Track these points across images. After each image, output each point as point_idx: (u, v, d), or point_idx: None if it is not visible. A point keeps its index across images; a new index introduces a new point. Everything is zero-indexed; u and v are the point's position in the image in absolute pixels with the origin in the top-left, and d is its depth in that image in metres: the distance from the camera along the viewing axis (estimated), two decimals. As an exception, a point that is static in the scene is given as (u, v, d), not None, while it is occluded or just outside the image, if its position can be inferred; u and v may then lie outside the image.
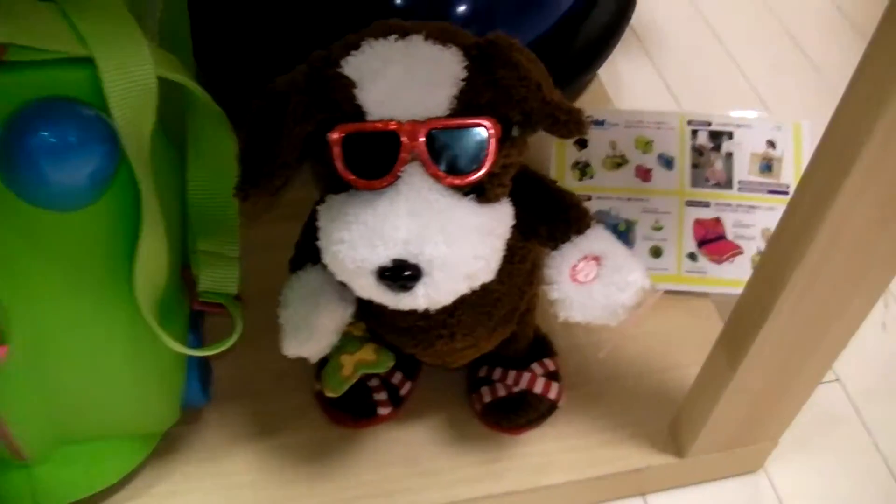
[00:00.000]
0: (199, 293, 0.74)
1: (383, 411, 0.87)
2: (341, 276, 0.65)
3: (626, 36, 1.21)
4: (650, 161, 1.04)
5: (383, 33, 0.65)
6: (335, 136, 0.63)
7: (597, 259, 0.72)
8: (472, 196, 0.64)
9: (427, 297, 0.63)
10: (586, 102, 1.19)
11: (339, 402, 0.86)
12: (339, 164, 0.63)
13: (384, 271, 0.61)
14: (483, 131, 0.63)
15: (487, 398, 0.87)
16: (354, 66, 0.64)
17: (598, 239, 0.73)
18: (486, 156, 0.63)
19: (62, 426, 0.73)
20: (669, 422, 0.89)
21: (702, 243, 1.01)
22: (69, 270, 0.62)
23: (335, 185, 0.65)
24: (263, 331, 0.90)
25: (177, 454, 0.85)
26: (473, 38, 0.66)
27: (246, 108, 0.65)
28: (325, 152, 0.63)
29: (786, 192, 1.02)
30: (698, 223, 1.01)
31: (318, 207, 0.66)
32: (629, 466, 0.87)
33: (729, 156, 1.03)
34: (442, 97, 0.63)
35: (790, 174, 1.03)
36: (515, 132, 0.66)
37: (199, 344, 0.77)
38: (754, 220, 1.01)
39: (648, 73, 1.38)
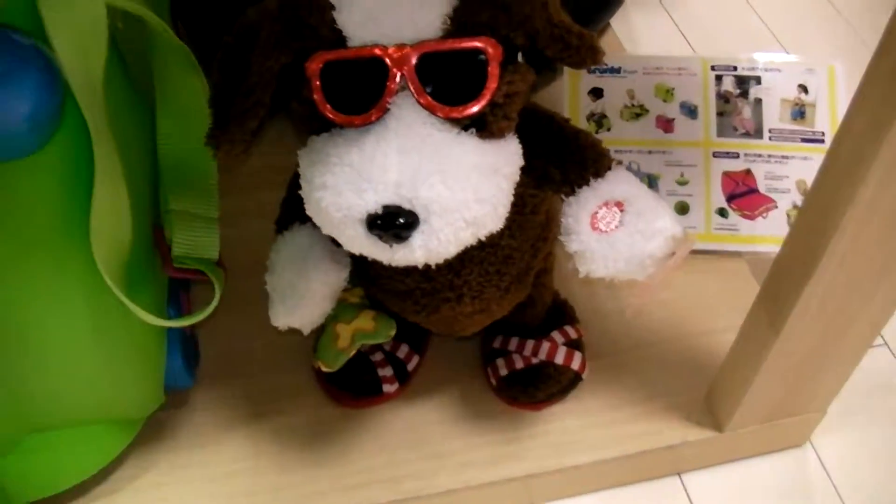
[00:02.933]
0: (173, 258, 0.67)
1: (389, 388, 0.82)
2: (327, 229, 0.58)
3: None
4: (672, 110, 0.98)
5: None
6: (313, 66, 0.56)
7: (619, 205, 0.65)
8: (472, 130, 0.57)
9: (425, 247, 0.56)
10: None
11: (339, 379, 0.81)
12: (319, 98, 0.56)
13: (374, 219, 0.54)
14: (482, 54, 0.56)
15: (503, 371, 0.82)
16: None
17: (619, 182, 0.66)
18: (487, 83, 0.57)
19: (28, 412, 0.68)
20: (705, 393, 0.84)
21: (731, 198, 0.96)
22: (16, 231, 0.56)
23: (316, 125, 0.58)
24: (254, 305, 0.85)
25: (162, 441, 0.80)
26: None
27: (216, 47, 0.58)
28: (303, 87, 0.57)
29: (821, 141, 0.96)
30: (727, 176, 0.96)
31: (299, 152, 0.60)
32: (662, 443, 0.82)
33: (758, 102, 0.98)
34: (433, 16, 0.56)
35: (825, 121, 0.97)
36: (520, 58, 0.59)
37: (179, 318, 0.71)
38: (788, 172, 0.96)
39: (663, 21, 1.34)
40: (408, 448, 0.80)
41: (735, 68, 0.99)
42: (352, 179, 0.55)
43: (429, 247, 0.56)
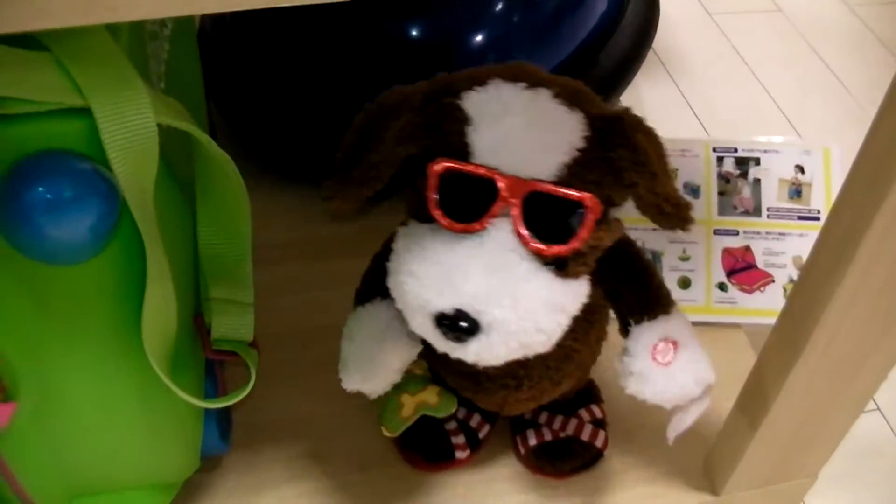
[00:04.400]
0: (212, 341, 0.72)
1: (461, 455, 0.86)
2: (401, 306, 0.63)
3: (649, 59, 1.20)
4: (676, 190, 1.01)
5: (513, 77, 0.63)
6: (436, 168, 0.61)
7: (675, 344, 0.70)
8: (551, 267, 0.61)
9: (478, 354, 0.61)
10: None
11: (416, 445, 0.85)
12: (432, 198, 0.61)
13: (443, 318, 0.59)
14: (583, 207, 0.61)
15: (533, 441, 0.86)
16: (474, 102, 0.62)
17: (679, 325, 0.72)
18: (579, 232, 0.61)
19: (76, 479, 0.72)
20: (703, 459, 0.87)
21: (731, 273, 0.99)
22: (75, 324, 0.61)
23: (421, 214, 0.63)
24: (283, 375, 0.91)
25: (197, 502, 0.83)
26: (601, 108, 0.64)
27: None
28: (421, 179, 0.62)
29: (817, 218, 0.99)
30: (727, 252, 1.00)
31: (399, 229, 0.65)
32: None
33: (756, 182, 1.01)
34: (553, 162, 0.61)
35: (821, 200, 1.00)
36: (612, 214, 0.64)
37: (216, 391, 0.75)
38: (785, 248, 0.99)
39: (672, 98, 1.36)
40: None
41: (735, 150, 1.02)
42: (437, 278, 0.59)
43: (481, 354, 0.61)
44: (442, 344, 0.62)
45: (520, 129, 0.61)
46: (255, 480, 0.85)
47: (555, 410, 0.86)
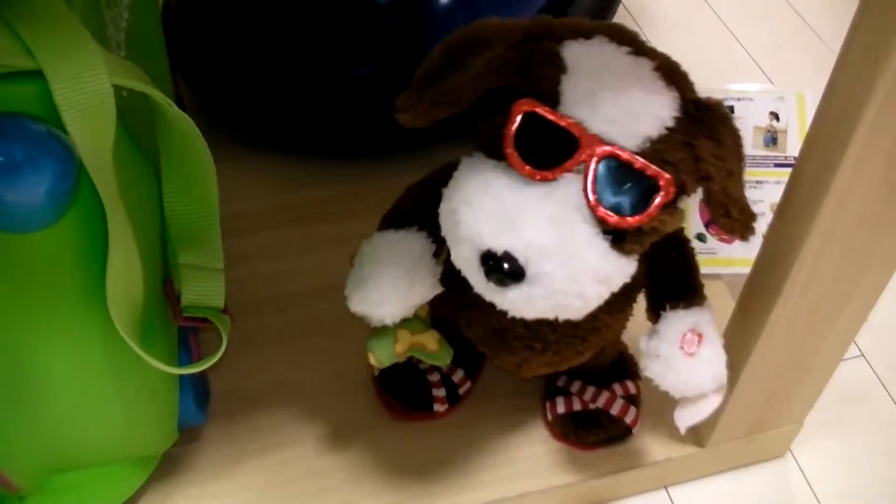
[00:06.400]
0: (182, 308, 0.71)
1: (439, 408, 0.85)
2: (446, 233, 0.62)
3: (619, 13, 1.19)
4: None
5: (619, 39, 0.62)
6: (521, 107, 0.59)
7: (700, 337, 0.70)
8: (609, 237, 0.60)
9: (514, 303, 0.60)
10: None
11: (395, 391, 0.85)
12: (509, 137, 0.59)
13: (490, 256, 0.58)
14: (658, 185, 0.60)
15: (561, 409, 0.85)
16: (576, 53, 0.61)
17: (708, 319, 0.72)
18: (648, 209, 0.60)
19: (53, 455, 0.71)
20: None
21: (709, 223, 0.99)
22: (37, 293, 0.60)
23: (491, 149, 0.61)
24: (260, 343, 0.90)
25: (178, 476, 0.83)
26: (695, 93, 0.63)
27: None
28: (501, 115, 0.60)
29: (793, 165, 0.98)
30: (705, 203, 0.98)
31: (464, 158, 0.63)
32: (649, 459, 0.86)
33: (732, 129, 1.00)
34: (639, 133, 0.59)
35: (796, 146, 1.01)
36: (682, 203, 0.63)
37: (190, 361, 0.74)
38: (762, 196, 0.99)
39: None
40: (408, 473, 0.83)
41: None
42: (496, 215, 0.58)
43: (517, 303, 0.60)
44: (481, 283, 0.60)
45: (614, 92, 0.59)
46: (236, 451, 0.84)
47: (588, 380, 0.85)
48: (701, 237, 0.97)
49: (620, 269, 0.62)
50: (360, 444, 0.85)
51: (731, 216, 0.63)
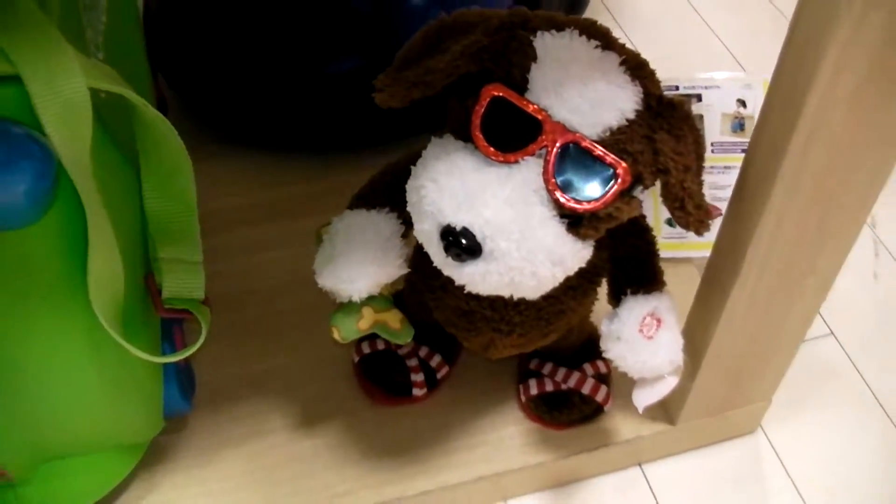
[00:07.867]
0: (164, 300, 0.73)
1: (418, 392, 0.88)
2: (411, 207, 0.65)
3: (592, 4, 1.20)
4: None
5: (589, 33, 0.65)
6: (489, 92, 0.63)
7: (659, 321, 0.73)
8: (565, 221, 0.63)
9: (470, 277, 0.63)
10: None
11: (375, 377, 0.87)
12: (476, 120, 0.63)
13: (450, 231, 0.61)
14: (615, 174, 0.62)
15: (534, 390, 0.88)
16: (547, 44, 0.64)
17: (667, 305, 0.74)
18: (603, 197, 0.63)
19: (42, 444, 0.73)
20: None
21: None
22: (21, 288, 0.62)
23: (459, 131, 0.65)
24: (244, 334, 0.92)
25: (165, 463, 0.85)
26: (660, 89, 0.66)
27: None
28: (472, 98, 0.63)
29: None
30: None
31: (433, 138, 0.66)
32: (620, 437, 0.88)
33: (699, 118, 1.02)
34: (600, 122, 0.62)
35: None
36: (638, 192, 0.66)
37: (173, 351, 0.76)
38: (730, 181, 0.97)
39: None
40: (387, 457, 0.85)
41: (677, 87, 1.04)
42: (458, 193, 0.61)
43: (473, 278, 0.63)
44: (440, 257, 0.63)
45: (580, 82, 0.62)
46: (221, 438, 0.86)
47: (559, 362, 0.88)
48: (671, 222, 0.99)
49: (575, 252, 0.64)
50: (341, 429, 0.87)
51: (685, 210, 0.65)
